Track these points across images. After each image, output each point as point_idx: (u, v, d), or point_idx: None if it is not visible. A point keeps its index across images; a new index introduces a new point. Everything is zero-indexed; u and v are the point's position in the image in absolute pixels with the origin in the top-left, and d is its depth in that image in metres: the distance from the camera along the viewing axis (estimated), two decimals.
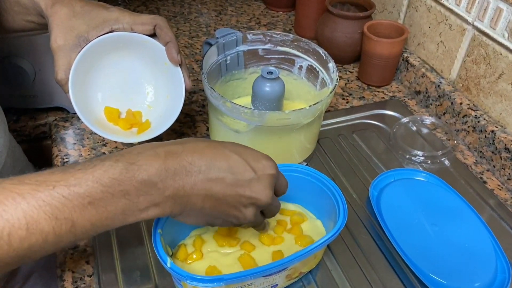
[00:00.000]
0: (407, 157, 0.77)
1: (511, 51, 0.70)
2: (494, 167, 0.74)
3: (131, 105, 0.66)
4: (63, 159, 0.73)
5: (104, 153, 0.74)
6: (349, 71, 0.97)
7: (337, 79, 0.67)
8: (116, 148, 0.75)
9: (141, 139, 0.62)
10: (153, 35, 0.61)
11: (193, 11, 1.18)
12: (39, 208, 0.35)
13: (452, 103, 0.81)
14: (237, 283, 0.48)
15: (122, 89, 0.66)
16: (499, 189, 0.72)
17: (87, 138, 0.77)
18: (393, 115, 0.86)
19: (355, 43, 0.93)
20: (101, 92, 0.64)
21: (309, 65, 0.74)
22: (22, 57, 0.73)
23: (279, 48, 0.75)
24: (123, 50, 0.62)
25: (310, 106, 0.61)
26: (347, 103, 0.88)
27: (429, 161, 0.76)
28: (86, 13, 0.57)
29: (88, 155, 0.73)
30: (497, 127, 0.74)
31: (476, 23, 0.75)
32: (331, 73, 0.69)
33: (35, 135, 0.83)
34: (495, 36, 0.72)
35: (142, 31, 0.60)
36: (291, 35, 0.73)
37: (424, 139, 0.81)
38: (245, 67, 0.77)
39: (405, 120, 0.83)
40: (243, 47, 0.74)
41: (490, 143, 0.74)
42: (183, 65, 0.63)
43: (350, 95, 0.90)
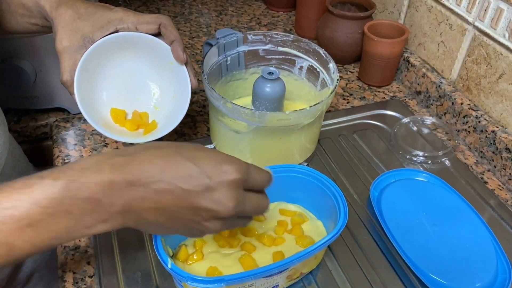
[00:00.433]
0: (408, 157, 0.77)
1: None
2: (494, 167, 0.74)
3: (137, 106, 0.66)
4: (64, 159, 0.73)
5: None
6: (350, 71, 0.97)
7: (338, 80, 0.67)
8: (117, 147, 0.76)
9: (147, 139, 0.61)
10: (157, 35, 0.61)
11: (194, 11, 1.19)
12: None
13: (452, 103, 0.81)
14: (237, 284, 0.48)
15: (128, 89, 0.65)
16: (500, 189, 0.72)
17: (88, 138, 0.77)
18: (393, 115, 0.86)
19: (355, 43, 0.93)
20: (106, 92, 0.64)
21: (309, 65, 0.74)
22: (22, 58, 0.73)
23: (280, 48, 0.75)
24: (128, 50, 0.62)
25: (310, 106, 0.61)
26: (347, 103, 0.88)
27: (429, 161, 0.76)
28: (90, 15, 0.56)
29: (89, 155, 0.74)
30: (497, 127, 0.74)
31: (476, 23, 0.75)
32: (331, 74, 0.69)
33: (36, 136, 0.83)
34: (495, 36, 0.72)
35: (147, 31, 0.59)
36: (292, 36, 0.73)
37: (424, 139, 0.81)
38: (246, 68, 0.77)
39: (405, 120, 0.83)
40: (243, 48, 0.74)
41: (490, 143, 0.74)
42: (188, 64, 0.62)
43: (350, 95, 0.90)
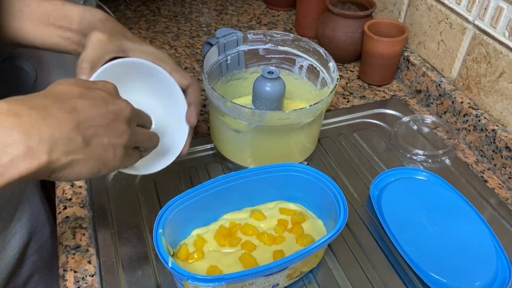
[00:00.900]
0: (408, 156, 0.77)
1: None
2: (495, 166, 0.74)
3: None
4: None
5: None
6: (350, 70, 0.97)
7: (338, 79, 0.67)
8: None
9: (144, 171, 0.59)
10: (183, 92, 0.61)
11: (194, 10, 1.19)
12: None
13: (452, 102, 0.81)
14: (238, 283, 0.48)
15: None
16: (500, 188, 0.72)
17: None
18: (394, 114, 0.86)
19: (355, 42, 0.93)
20: None
21: (309, 64, 0.74)
22: (23, 58, 0.73)
23: (280, 47, 0.75)
24: (144, 82, 0.60)
25: (310, 105, 0.62)
26: (347, 102, 0.88)
27: (430, 160, 0.76)
28: (136, 40, 0.58)
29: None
30: (497, 126, 0.74)
31: (476, 22, 0.75)
32: (331, 73, 0.69)
33: None
34: (495, 35, 0.72)
35: (177, 80, 0.60)
36: (292, 35, 0.73)
37: (425, 138, 0.81)
38: (246, 67, 0.77)
39: (406, 119, 0.83)
40: (243, 47, 0.74)
41: (491, 142, 0.74)
42: (192, 129, 0.62)
43: (350, 94, 0.90)
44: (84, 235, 0.62)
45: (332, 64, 0.69)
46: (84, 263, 0.59)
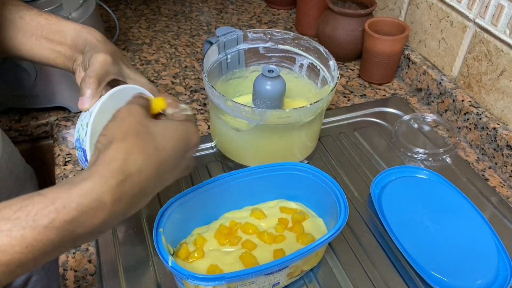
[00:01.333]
0: (409, 154, 0.77)
1: None
2: (496, 164, 0.74)
3: None
4: (65, 158, 0.73)
5: None
6: (351, 69, 0.97)
7: (338, 77, 0.67)
8: None
9: None
10: None
11: (194, 9, 1.18)
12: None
13: (453, 100, 0.81)
14: (238, 282, 0.48)
15: None
16: (501, 187, 0.72)
17: None
18: (394, 112, 0.86)
19: (356, 41, 0.93)
20: None
21: (310, 63, 0.74)
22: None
23: (280, 46, 0.75)
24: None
25: (311, 104, 0.61)
26: (348, 101, 0.88)
27: (430, 159, 0.76)
28: (131, 68, 0.59)
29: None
30: (498, 124, 0.74)
31: (477, 20, 0.75)
32: (332, 71, 0.69)
33: (37, 135, 0.83)
34: (496, 33, 0.72)
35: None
36: (292, 33, 0.73)
37: (425, 137, 0.80)
38: (246, 66, 0.77)
39: (406, 117, 0.83)
40: (243, 46, 0.74)
41: (492, 140, 0.74)
42: None
43: (351, 93, 0.90)
44: None
45: (332, 62, 0.69)
46: (84, 262, 0.59)
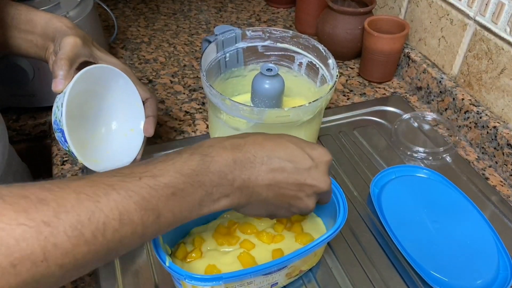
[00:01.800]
0: (409, 153, 0.76)
1: None
2: (496, 163, 0.74)
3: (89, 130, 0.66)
4: (63, 157, 0.73)
5: None
6: (350, 67, 0.97)
7: (337, 76, 0.66)
8: None
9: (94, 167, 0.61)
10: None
11: (193, 8, 1.18)
12: (129, 198, 0.36)
13: (453, 99, 0.80)
14: (236, 282, 0.47)
15: (88, 116, 0.66)
16: (502, 185, 0.72)
17: None
18: (394, 111, 0.85)
19: (356, 39, 0.93)
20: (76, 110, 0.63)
21: (309, 61, 0.74)
22: (20, 56, 0.73)
23: (279, 44, 0.74)
24: (112, 88, 0.64)
25: (310, 103, 0.61)
26: (348, 99, 0.88)
27: (430, 158, 0.76)
28: (102, 50, 0.62)
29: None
30: (499, 123, 0.73)
31: (477, 18, 0.75)
32: (331, 70, 0.69)
33: (35, 134, 0.83)
34: (496, 31, 0.71)
35: (139, 92, 0.64)
36: (291, 32, 0.73)
37: (425, 136, 0.80)
38: (245, 64, 0.77)
39: (406, 116, 0.82)
40: (242, 44, 0.74)
41: (492, 139, 0.74)
42: (145, 139, 0.66)
43: (351, 91, 0.90)
44: None
45: (331, 61, 0.69)
46: None
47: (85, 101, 0.63)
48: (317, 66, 0.72)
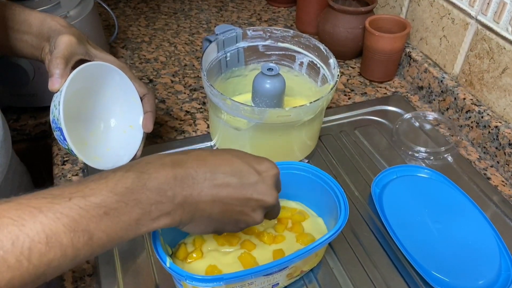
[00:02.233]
0: (410, 153, 0.76)
1: None
2: (498, 163, 0.74)
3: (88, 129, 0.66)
4: (63, 157, 0.73)
5: None
6: (351, 67, 0.97)
7: (338, 75, 0.66)
8: None
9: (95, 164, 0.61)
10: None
11: (194, 7, 1.18)
12: (57, 220, 0.35)
13: (455, 98, 0.80)
14: (237, 283, 0.47)
15: (87, 114, 0.66)
16: (503, 185, 0.71)
17: None
18: (395, 111, 0.85)
19: (357, 39, 0.92)
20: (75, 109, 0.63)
21: (310, 61, 0.74)
22: (16, 57, 0.73)
23: (280, 44, 0.74)
24: (109, 85, 0.64)
25: (311, 102, 0.61)
26: (349, 99, 0.87)
27: (432, 157, 0.75)
28: (98, 48, 0.62)
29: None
30: (501, 123, 0.73)
31: (479, 17, 0.74)
32: (332, 69, 0.68)
33: (36, 134, 0.83)
34: (498, 30, 0.71)
35: (136, 88, 0.64)
36: (292, 31, 0.73)
37: (427, 135, 0.80)
38: (245, 64, 0.76)
39: (407, 116, 0.82)
40: (243, 44, 0.74)
41: (494, 139, 0.73)
42: (144, 135, 0.66)
43: (352, 91, 0.90)
44: None
45: (332, 60, 0.68)
46: (82, 262, 0.59)
47: (82, 99, 0.63)
48: (318, 65, 0.72)
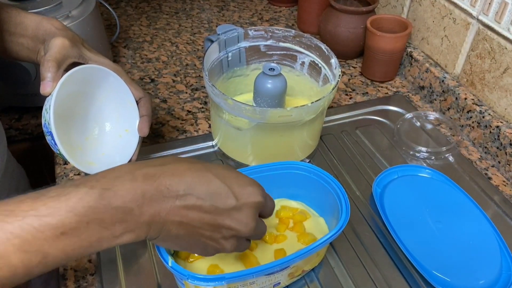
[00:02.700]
0: (411, 153, 0.76)
1: None
2: (499, 163, 0.74)
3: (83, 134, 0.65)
4: None
5: None
6: (352, 67, 0.97)
7: (340, 75, 0.66)
8: None
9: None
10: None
11: (195, 7, 1.18)
12: (7, 241, 0.33)
13: (456, 98, 0.80)
14: (239, 282, 0.47)
15: (82, 117, 0.65)
16: (504, 185, 0.71)
17: None
18: (396, 110, 0.85)
19: (358, 38, 0.92)
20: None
21: (311, 61, 0.74)
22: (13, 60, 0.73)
23: (281, 44, 0.74)
24: (104, 89, 0.63)
25: (312, 102, 0.61)
26: (350, 99, 0.87)
27: (433, 157, 0.76)
28: (92, 51, 0.60)
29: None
30: (502, 123, 0.73)
31: (480, 17, 0.74)
32: (333, 69, 0.68)
33: (37, 134, 0.83)
34: (500, 30, 0.71)
35: (132, 92, 0.63)
36: (293, 31, 0.73)
37: (428, 135, 0.80)
38: (247, 64, 0.77)
39: (409, 115, 0.82)
40: (244, 43, 0.74)
41: (495, 139, 0.73)
42: (140, 139, 0.65)
43: (353, 90, 0.90)
44: None
45: (334, 60, 0.68)
46: (84, 261, 0.59)
47: (76, 103, 0.62)
48: (320, 65, 0.72)
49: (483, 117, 0.75)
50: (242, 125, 0.65)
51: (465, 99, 0.79)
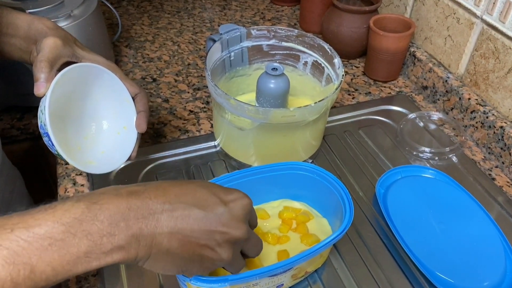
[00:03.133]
0: (414, 153, 0.76)
1: None
2: (503, 163, 0.73)
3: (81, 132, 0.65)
4: None
5: None
6: (355, 66, 0.96)
7: (343, 75, 0.66)
8: None
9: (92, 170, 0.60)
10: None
11: (197, 6, 1.18)
12: None
13: (460, 98, 0.80)
14: (242, 284, 0.47)
15: (78, 117, 0.64)
16: (508, 186, 0.71)
17: None
18: (400, 110, 0.85)
19: (361, 38, 0.92)
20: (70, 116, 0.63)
21: (314, 60, 0.73)
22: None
23: (284, 43, 0.74)
24: (99, 87, 0.62)
25: (315, 102, 0.61)
26: (353, 98, 0.87)
27: (436, 158, 0.75)
28: (86, 49, 0.60)
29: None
30: (506, 123, 0.73)
31: (484, 17, 0.74)
32: (336, 69, 0.68)
33: (39, 133, 0.82)
34: (504, 30, 0.71)
35: (127, 88, 0.63)
36: (296, 31, 0.72)
37: (431, 135, 0.79)
38: (250, 63, 0.76)
39: (412, 116, 0.82)
40: (247, 43, 0.73)
41: (499, 139, 0.73)
42: (139, 135, 0.65)
43: (356, 90, 0.89)
44: None
45: (337, 60, 0.68)
46: None
47: (71, 102, 0.62)
48: (323, 65, 0.72)
49: (487, 117, 0.75)
50: (244, 125, 0.65)
51: (469, 99, 0.78)
